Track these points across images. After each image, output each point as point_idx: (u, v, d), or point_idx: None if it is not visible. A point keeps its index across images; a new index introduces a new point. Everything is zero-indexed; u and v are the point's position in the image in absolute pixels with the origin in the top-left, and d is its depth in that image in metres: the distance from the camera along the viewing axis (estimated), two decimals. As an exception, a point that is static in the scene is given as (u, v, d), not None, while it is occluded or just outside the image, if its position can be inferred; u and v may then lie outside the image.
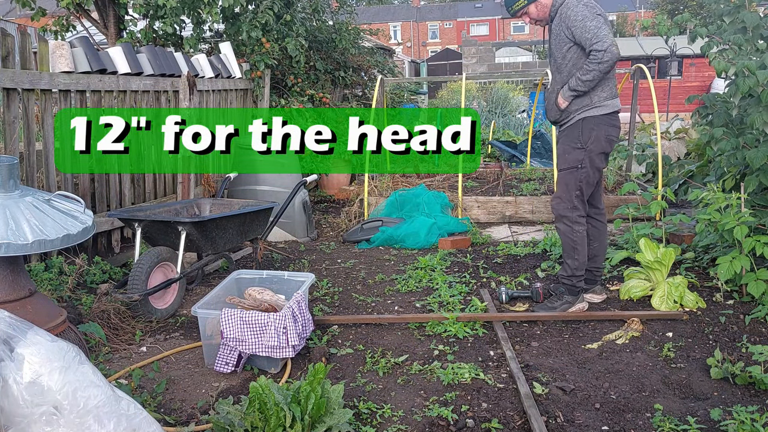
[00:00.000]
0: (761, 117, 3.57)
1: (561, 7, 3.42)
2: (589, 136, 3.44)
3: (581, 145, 3.46)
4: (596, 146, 3.45)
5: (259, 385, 2.25)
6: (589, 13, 3.30)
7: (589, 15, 3.29)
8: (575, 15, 3.32)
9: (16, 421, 1.77)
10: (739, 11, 3.77)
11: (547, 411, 2.55)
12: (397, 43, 48.10)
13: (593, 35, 3.26)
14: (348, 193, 7.32)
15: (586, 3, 3.35)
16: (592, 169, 3.48)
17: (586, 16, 3.30)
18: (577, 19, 3.31)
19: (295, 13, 7.49)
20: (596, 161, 3.48)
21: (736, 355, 3.00)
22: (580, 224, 3.53)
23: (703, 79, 16.86)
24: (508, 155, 8.72)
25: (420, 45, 52.61)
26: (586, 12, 3.31)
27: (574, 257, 3.56)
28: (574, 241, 3.53)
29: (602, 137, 3.45)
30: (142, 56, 4.95)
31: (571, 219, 3.52)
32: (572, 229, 3.52)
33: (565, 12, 3.39)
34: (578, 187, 3.49)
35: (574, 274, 3.58)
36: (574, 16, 3.33)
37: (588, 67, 3.30)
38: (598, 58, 3.25)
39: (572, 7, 3.35)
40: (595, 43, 3.25)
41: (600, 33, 3.25)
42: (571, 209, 3.51)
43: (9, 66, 3.69)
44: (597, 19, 3.29)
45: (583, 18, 3.30)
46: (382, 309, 3.83)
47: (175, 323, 3.65)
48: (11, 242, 2.24)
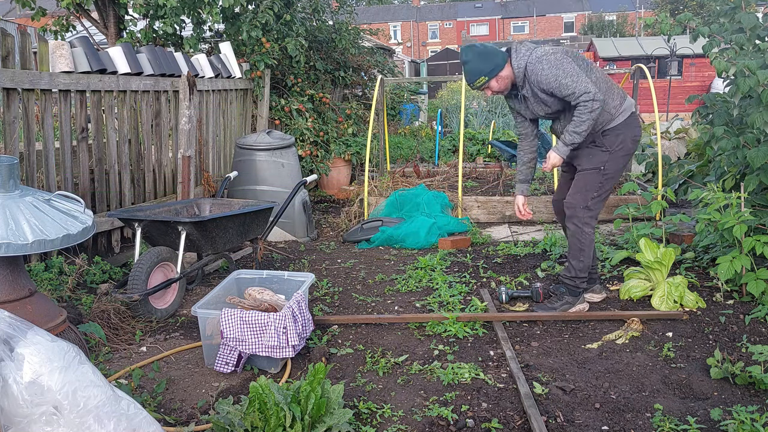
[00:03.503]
0: (761, 116, 3.57)
1: (526, 73, 3.37)
2: (615, 141, 3.44)
3: (607, 149, 3.45)
4: (622, 148, 3.46)
5: (259, 385, 2.24)
6: (558, 72, 3.26)
7: (560, 73, 3.26)
8: (546, 79, 3.29)
9: (16, 421, 1.77)
10: (736, 12, 3.77)
11: (547, 411, 2.55)
12: (397, 43, 48.10)
13: (572, 90, 3.23)
14: (348, 193, 7.32)
15: (548, 60, 3.30)
16: (614, 170, 3.47)
17: (557, 75, 3.26)
18: (551, 82, 3.28)
19: (295, 13, 7.49)
20: (620, 162, 3.47)
21: (736, 355, 3.00)
22: (590, 226, 3.51)
23: (703, 79, 16.86)
24: (508, 155, 8.71)
25: (420, 45, 52.62)
26: (554, 71, 3.26)
27: (580, 259, 3.55)
28: (582, 243, 3.52)
29: (628, 139, 3.45)
30: (142, 56, 4.95)
31: (582, 219, 3.49)
32: (582, 230, 3.50)
33: (533, 79, 3.35)
34: (597, 188, 3.46)
35: (577, 275, 3.57)
36: (546, 80, 3.30)
37: (581, 118, 3.27)
38: (589, 107, 3.23)
39: (538, 72, 3.31)
40: (580, 96, 3.24)
41: (579, 86, 3.22)
42: (584, 209, 3.48)
43: (9, 66, 3.69)
44: (568, 72, 3.25)
45: (555, 78, 3.26)
46: (382, 309, 3.83)
47: (175, 323, 3.65)
48: (11, 242, 2.24)
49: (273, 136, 5.69)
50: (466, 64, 3.41)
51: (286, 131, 7.33)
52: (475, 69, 3.38)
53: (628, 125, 3.46)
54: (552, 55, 3.32)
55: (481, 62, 3.37)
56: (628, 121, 3.46)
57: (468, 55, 3.40)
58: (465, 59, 3.41)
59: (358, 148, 7.89)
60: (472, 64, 3.38)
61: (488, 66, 3.36)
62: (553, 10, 52.48)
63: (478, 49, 3.40)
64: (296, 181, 5.45)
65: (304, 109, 7.52)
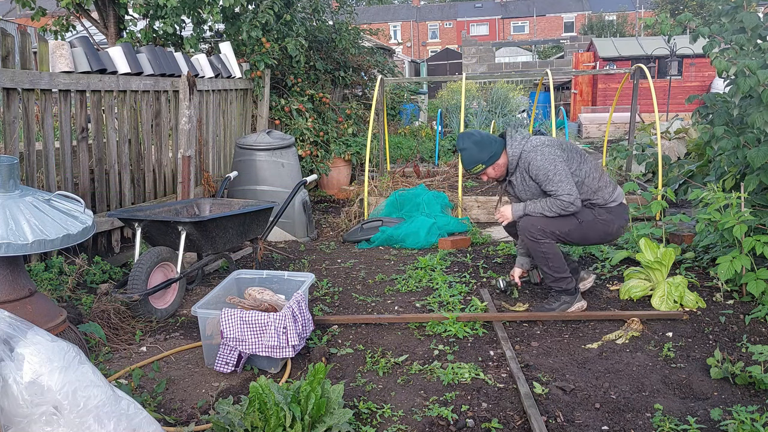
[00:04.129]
0: (762, 116, 3.57)
1: (520, 161, 3.49)
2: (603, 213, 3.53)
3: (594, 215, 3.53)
4: (605, 222, 3.55)
5: (259, 385, 2.24)
6: (549, 167, 3.39)
7: (551, 169, 3.39)
8: (537, 169, 3.43)
9: (16, 421, 1.77)
10: (738, 12, 3.76)
11: (547, 411, 2.55)
12: (397, 43, 48.08)
13: (556, 189, 3.39)
14: (348, 193, 7.32)
15: (542, 152, 3.42)
16: (585, 230, 3.53)
17: (548, 170, 3.39)
18: (539, 174, 3.42)
19: (295, 13, 7.49)
20: (595, 228, 3.54)
21: (736, 355, 3.00)
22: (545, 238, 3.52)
23: (703, 79, 16.85)
24: (508, 155, 8.70)
25: (420, 45, 52.60)
26: (546, 165, 3.39)
27: (548, 264, 3.54)
28: (544, 252, 3.52)
29: (615, 223, 3.57)
30: (142, 56, 4.95)
31: (534, 235, 3.50)
32: (537, 242, 3.51)
33: (525, 166, 3.48)
34: (564, 231, 3.51)
35: (557, 276, 3.54)
36: (536, 170, 3.43)
37: (552, 208, 3.42)
38: (564, 206, 3.39)
39: (532, 161, 3.44)
40: (561, 195, 3.38)
41: (563, 188, 3.37)
42: (539, 231, 3.49)
43: (9, 66, 3.69)
44: (558, 171, 3.38)
45: (545, 172, 3.40)
46: (382, 309, 3.83)
47: (175, 323, 3.65)
48: (11, 242, 2.24)
49: (273, 136, 5.69)
50: (463, 151, 3.48)
51: (286, 131, 7.33)
52: (473, 157, 3.48)
53: (618, 214, 3.59)
54: (547, 147, 3.45)
55: (479, 151, 3.47)
56: (618, 210, 3.59)
57: (465, 143, 3.49)
58: (462, 147, 3.49)
59: (358, 148, 7.89)
60: (470, 152, 3.48)
61: (485, 155, 3.48)
62: (553, 10, 52.46)
63: (476, 138, 3.49)
64: (296, 181, 5.46)
65: (304, 109, 7.52)
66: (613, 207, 3.58)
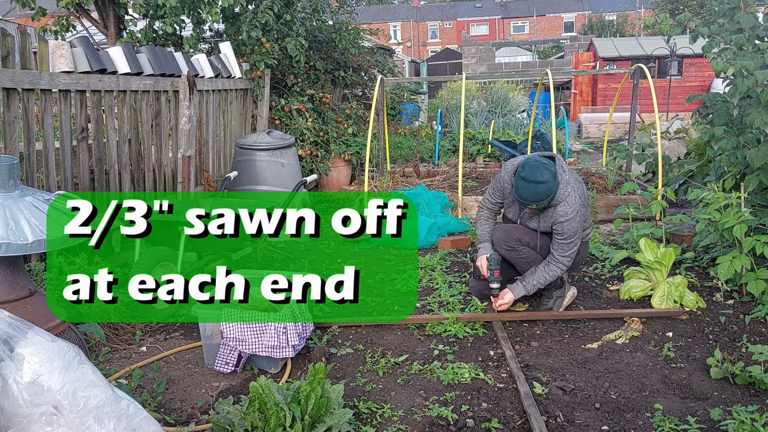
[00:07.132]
0: (761, 117, 3.57)
1: (559, 205, 3.36)
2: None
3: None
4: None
5: (259, 384, 2.24)
6: (571, 219, 3.33)
7: (574, 234, 3.36)
8: (563, 227, 3.35)
9: (16, 420, 1.77)
10: (735, 12, 3.76)
11: (547, 411, 2.55)
12: (397, 43, 48.06)
13: (565, 251, 3.40)
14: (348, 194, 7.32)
15: (577, 212, 3.34)
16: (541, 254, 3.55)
17: (571, 234, 3.36)
18: (558, 216, 3.34)
19: (295, 12, 7.49)
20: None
21: (736, 354, 3.00)
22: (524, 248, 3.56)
23: (703, 79, 16.84)
24: (508, 155, 8.71)
25: (420, 45, 52.60)
26: (570, 214, 3.33)
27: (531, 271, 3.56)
28: (525, 257, 3.55)
29: (583, 250, 3.66)
30: (142, 56, 4.95)
31: (512, 245, 3.54)
32: (517, 251, 3.54)
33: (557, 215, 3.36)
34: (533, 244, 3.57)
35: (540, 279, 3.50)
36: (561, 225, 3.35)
37: (548, 274, 3.43)
38: (560, 270, 3.43)
39: (566, 214, 3.33)
40: (564, 259, 3.41)
41: (570, 252, 3.41)
42: (516, 239, 3.53)
43: (9, 66, 3.69)
44: (574, 229, 3.36)
45: (568, 234, 3.36)
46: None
47: (175, 323, 3.65)
48: (11, 242, 2.24)
49: (273, 136, 5.69)
50: (540, 184, 3.21)
51: (286, 131, 7.32)
52: (550, 192, 3.25)
53: (585, 244, 3.69)
54: (583, 208, 3.40)
55: (555, 185, 3.26)
56: (586, 241, 3.71)
57: (545, 176, 3.22)
58: (541, 179, 3.21)
59: (358, 148, 7.89)
60: (549, 186, 3.23)
61: (556, 188, 3.28)
62: (553, 10, 52.45)
63: (552, 170, 3.26)
64: (296, 181, 5.45)
65: (304, 109, 7.52)
66: (584, 241, 3.68)
